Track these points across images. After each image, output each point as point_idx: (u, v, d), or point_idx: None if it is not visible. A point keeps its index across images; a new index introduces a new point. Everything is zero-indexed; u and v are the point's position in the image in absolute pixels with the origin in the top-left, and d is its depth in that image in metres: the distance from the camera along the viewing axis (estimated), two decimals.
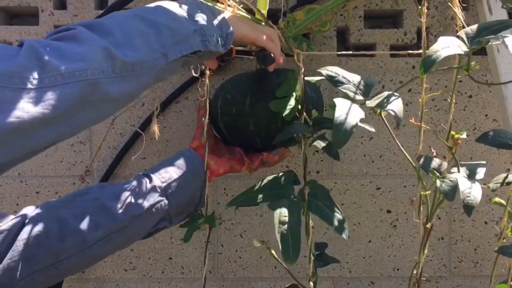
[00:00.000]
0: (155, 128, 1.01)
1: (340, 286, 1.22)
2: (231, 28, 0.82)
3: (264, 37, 0.89)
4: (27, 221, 0.77)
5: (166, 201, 0.87)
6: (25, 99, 0.57)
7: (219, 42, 0.79)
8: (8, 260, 0.72)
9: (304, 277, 0.95)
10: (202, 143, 0.95)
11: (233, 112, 0.97)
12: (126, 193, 0.84)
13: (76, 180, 1.20)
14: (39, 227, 0.76)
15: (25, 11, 1.22)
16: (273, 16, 1.06)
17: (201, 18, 0.77)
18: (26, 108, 0.57)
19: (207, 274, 1.20)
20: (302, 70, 0.84)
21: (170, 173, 0.90)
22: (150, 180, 0.87)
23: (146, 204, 0.85)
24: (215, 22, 0.79)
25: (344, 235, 0.78)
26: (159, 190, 0.87)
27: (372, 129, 0.82)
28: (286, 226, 0.76)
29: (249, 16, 0.89)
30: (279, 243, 0.75)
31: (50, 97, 0.59)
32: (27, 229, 0.75)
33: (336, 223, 0.78)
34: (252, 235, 1.21)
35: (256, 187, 0.85)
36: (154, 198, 0.86)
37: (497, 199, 0.93)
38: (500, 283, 0.99)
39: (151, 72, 0.71)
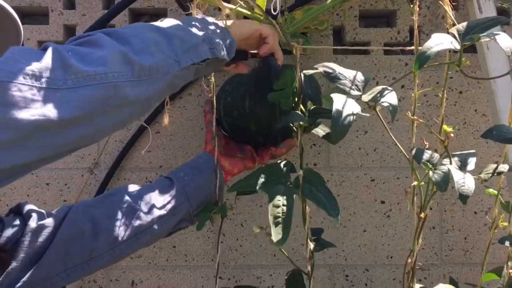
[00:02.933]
0: (167, 120, 1.00)
1: (337, 273, 1.21)
2: (233, 37, 0.83)
3: (262, 28, 0.88)
4: (64, 219, 0.78)
5: (187, 203, 0.89)
6: (50, 99, 0.57)
7: (224, 51, 0.80)
8: (47, 256, 0.74)
9: (301, 264, 0.94)
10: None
11: (235, 115, 0.99)
12: (151, 195, 0.86)
13: (84, 172, 1.19)
14: (75, 226, 0.78)
15: (35, 11, 1.21)
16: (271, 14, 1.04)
17: (207, 29, 0.78)
18: (50, 107, 0.57)
19: (209, 262, 1.20)
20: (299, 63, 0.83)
21: (190, 176, 0.91)
22: (172, 183, 0.89)
23: (169, 206, 0.87)
24: (219, 33, 0.80)
25: (337, 219, 0.77)
26: (180, 193, 0.88)
27: (367, 114, 0.81)
28: (279, 209, 0.76)
29: (249, 13, 0.88)
30: (271, 225, 0.74)
31: (73, 98, 0.59)
32: (64, 227, 0.77)
33: (328, 206, 0.78)
34: (252, 225, 1.20)
35: (255, 175, 0.85)
36: (176, 200, 0.88)
37: (491, 190, 0.93)
38: (488, 272, 0.98)
39: (165, 78, 0.71)
